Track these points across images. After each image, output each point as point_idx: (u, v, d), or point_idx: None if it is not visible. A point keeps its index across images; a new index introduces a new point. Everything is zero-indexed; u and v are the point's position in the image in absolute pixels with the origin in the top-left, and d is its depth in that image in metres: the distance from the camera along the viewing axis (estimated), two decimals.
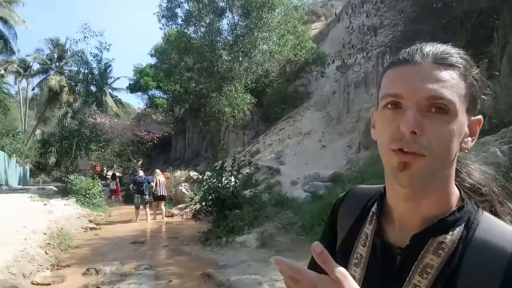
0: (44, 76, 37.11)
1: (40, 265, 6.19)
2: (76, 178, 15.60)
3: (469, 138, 0.64)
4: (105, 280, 5.47)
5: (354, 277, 0.62)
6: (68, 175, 16.93)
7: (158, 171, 13.14)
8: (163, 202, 12.63)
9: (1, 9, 22.27)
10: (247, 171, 10.98)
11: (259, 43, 18.16)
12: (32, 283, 5.33)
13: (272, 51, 18.50)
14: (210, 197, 8.81)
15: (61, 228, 9.36)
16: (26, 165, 29.13)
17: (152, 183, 12.15)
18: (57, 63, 37.38)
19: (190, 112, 25.41)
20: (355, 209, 0.77)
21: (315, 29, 23.69)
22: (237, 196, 8.61)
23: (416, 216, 0.64)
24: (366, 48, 10.63)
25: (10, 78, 34.20)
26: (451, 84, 0.59)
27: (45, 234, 8.24)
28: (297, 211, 8.11)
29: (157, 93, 33.91)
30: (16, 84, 38.45)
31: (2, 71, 32.13)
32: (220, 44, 18.75)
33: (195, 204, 10.30)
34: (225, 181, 8.75)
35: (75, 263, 6.63)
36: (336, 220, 0.81)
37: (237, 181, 8.93)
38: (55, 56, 37.26)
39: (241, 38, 17.93)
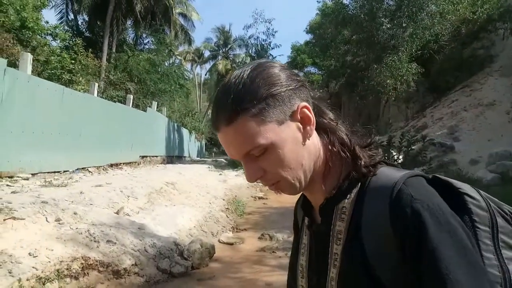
0: (214, 62, 42.01)
1: (224, 227, 7.04)
2: None
3: (306, 126, 0.67)
4: (279, 246, 5.81)
5: (302, 266, 0.76)
6: None
7: None
8: None
9: (181, 6, 25.86)
10: (413, 147, 10.03)
11: (427, 4, 16.06)
12: (219, 241, 6.08)
13: (443, 12, 16.14)
14: None
15: (235, 196, 10.47)
16: (202, 140, 33.89)
17: None
18: (223, 49, 41.71)
19: (346, 86, 24.72)
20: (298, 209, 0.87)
21: None
22: None
23: (320, 198, 0.71)
24: None
25: (187, 66, 39.96)
26: (246, 135, 0.62)
27: (223, 200, 9.36)
28: None
29: (313, 69, 34.25)
30: (192, 71, 44.70)
31: (183, 60, 37.70)
32: (381, 11, 17.36)
33: None
34: (393, 157, 8.17)
35: (251, 228, 7.28)
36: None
37: (407, 157, 8.21)
38: (221, 42, 41.60)
39: (405, 1, 16.19)
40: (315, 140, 0.70)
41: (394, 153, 8.59)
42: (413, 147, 8.84)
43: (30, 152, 7.11)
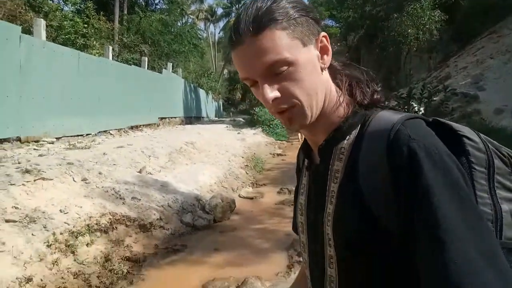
0: (227, 20, 40.94)
1: (243, 182, 7.21)
2: (261, 111, 17.17)
3: (324, 56, 0.68)
4: None
5: (301, 204, 0.79)
6: (254, 108, 18.80)
7: None
8: None
9: None
10: (435, 98, 9.73)
11: None
12: (239, 196, 6.25)
13: None
14: None
15: (254, 153, 10.60)
16: (219, 100, 33.87)
17: None
18: (236, 6, 40.40)
19: (365, 38, 23.78)
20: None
21: None
22: None
23: (321, 138, 0.72)
24: None
25: (200, 25, 39.09)
26: (274, 45, 0.61)
27: (242, 157, 9.51)
28: (506, 144, 6.78)
29: (330, 22, 32.96)
30: (205, 30, 43.77)
31: (195, 19, 36.86)
32: None
33: None
34: (414, 109, 7.98)
35: (270, 183, 7.43)
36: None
37: (428, 109, 8.00)
38: None
39: None
40: (327, 75, 0.71)
41: (415, 105, 8.36)
42: (434, 98, 8.57)
43: (53, 117, 7.30)
